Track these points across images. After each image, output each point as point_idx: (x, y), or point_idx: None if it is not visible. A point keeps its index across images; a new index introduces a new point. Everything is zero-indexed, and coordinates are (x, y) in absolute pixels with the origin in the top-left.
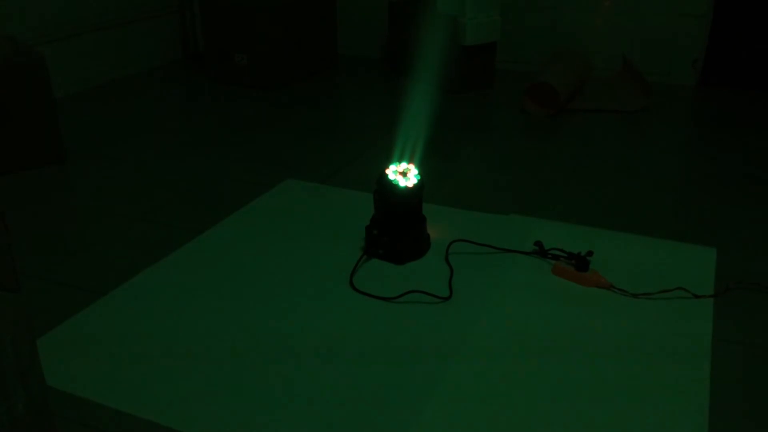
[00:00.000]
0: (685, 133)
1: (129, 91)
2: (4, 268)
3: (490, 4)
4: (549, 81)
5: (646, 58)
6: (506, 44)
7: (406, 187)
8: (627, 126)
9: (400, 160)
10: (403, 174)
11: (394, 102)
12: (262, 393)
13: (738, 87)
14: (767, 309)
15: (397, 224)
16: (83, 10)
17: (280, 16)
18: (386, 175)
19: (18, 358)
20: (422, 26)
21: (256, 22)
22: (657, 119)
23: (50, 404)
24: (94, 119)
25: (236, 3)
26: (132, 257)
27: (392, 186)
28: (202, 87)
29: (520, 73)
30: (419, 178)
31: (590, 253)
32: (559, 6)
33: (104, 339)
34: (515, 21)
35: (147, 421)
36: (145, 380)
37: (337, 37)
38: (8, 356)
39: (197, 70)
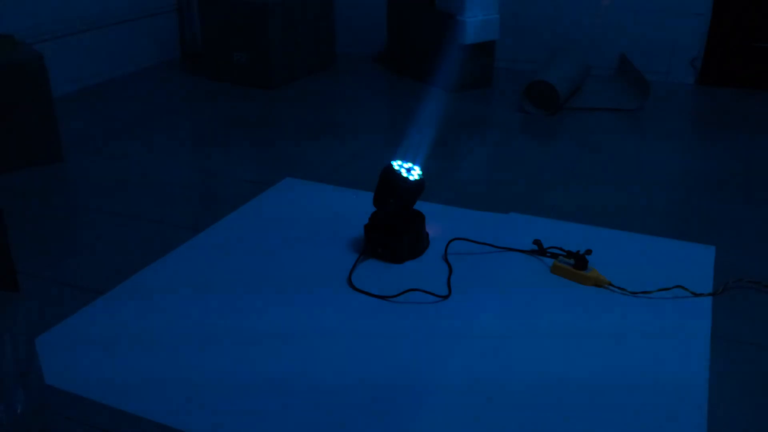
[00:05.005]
0: (684, 131)
1: (127, 89)
2: (3, 267)
3: (489, 3)
4: (548, 80)
5: (645, 57)
6: (505, 43)
7: (412, 180)
8: (626, 125)
9: (401, 159)
10: (407, 170)
11: (393, 101)
12: (261, 392)
13: (737, 86)
14: (766, 307)
15: (396, 223)
16: (82, 8)
17: (279, 15)
18: (393, 167)
19: (17, 358)
20: (421, 25)
21: (255, 21)
22: (656, 118)
23: (50, 404)
24: (92, 118)
25: (235, 2)
26: (131, 257)
27: (399, 177)
28: (200, 86)
29: (520, 72)
30: (422, 173)
31: (589, 252)
32: (558, 5)
33: (104, 338)
34: (514, 20)
35: (147, 420)
36: (145, 379)
37: (335, 36)
38: (7, 356)
39: (196, 68)
